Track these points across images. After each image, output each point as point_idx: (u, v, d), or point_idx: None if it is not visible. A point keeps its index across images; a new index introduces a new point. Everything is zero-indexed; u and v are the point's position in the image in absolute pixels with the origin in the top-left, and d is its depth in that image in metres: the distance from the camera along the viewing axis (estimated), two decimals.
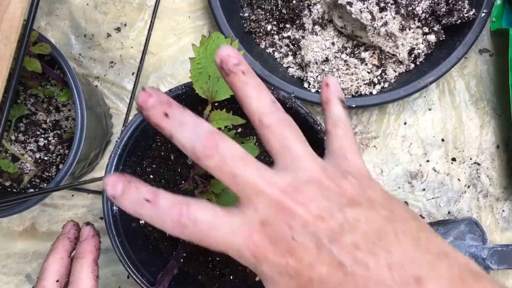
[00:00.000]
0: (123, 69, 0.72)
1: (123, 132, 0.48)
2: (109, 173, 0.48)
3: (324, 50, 0.65)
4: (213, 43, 0.40)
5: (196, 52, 0.40)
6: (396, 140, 0.71)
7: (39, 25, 0.72)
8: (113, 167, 0.48)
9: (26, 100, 0.66)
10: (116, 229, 0.48)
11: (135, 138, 0.50)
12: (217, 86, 0.40)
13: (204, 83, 0.40)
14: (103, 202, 0.48)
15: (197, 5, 0.73)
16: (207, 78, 0.39)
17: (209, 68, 0.39)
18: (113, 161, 0.48)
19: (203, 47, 0.40)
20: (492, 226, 0.70)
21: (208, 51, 0.40)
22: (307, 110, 0.49)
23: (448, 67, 0.63)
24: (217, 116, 0.39)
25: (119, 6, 0.73)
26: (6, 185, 0.65)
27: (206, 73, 0.39)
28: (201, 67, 0.39)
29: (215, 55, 0.29)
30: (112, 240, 0.47)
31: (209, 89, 0.39)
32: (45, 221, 0.71)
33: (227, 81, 0.30)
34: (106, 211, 0.47)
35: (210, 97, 0.40)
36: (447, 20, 0.64)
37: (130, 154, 0.51)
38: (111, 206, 0.48)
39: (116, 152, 0.48)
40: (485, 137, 0.71)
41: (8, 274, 0.70)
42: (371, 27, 0.62)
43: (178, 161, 0.54)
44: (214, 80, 0.40)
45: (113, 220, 0.48)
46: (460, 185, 0.70)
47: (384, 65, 0.66)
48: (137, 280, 0.47)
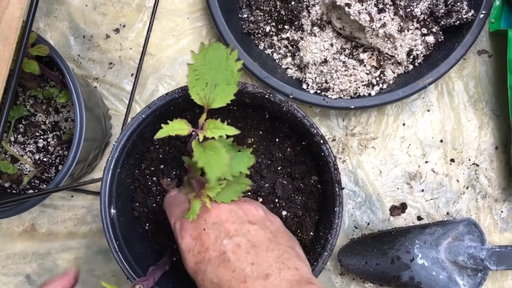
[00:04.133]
0: (122, 70, 0.72)
1: (120, 135, 0.48)
2: (106, 176, 0.48)
3: (323, 51, 0.65)
4: (213, 52, 0.40)
5: (195, 59, 0.40)
6: (395, 141, 0.71)
7: (38, 26, 0.72)
8: (111, 170, 0.48)
9: (25, 101, 0.67)
10: (114, 232, 0.48)
11: (133, 141, 0.50)
12: (214, 93, 0.40)
13: (200, 89, 0.40)
14: (101, 206, 0.48)
15: (196, 6, 0.73)
16: (204, 85, 0.40)
17: (207, 75, 0.40)
18: (111, 164, 0.48)
19: (201, 55, 0.40)
20: (491, 227, 0.70)
21: (207, 59, 0.40)
22: (304, 113, 0.49)
23: (447, 68, 0.63)
24: (212, 125, 0.40)
25: (118, 7, 0.73)
26: (6, 186, 0.65)
27: (203, 80, 0.40)
28: (199, 73, 0.40)
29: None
30: (109, 243, 0.47)
31: (206, 96, 0.40)
32: (44, 222, 0.71)
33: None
34: (103, 215, 0.48)
35: (206, 104, 0.40)
36: (445, 21, 0.64)
37: (128, 157, 0.51)
38: (108, 210, 0.48)
39: (113, 155, 0.48)
40: (483, 138, 0.71)
41: (7, 274, 0.71)
42: (369, 29, 0.62)
43: (175, 164, 0.54)
44: (211, 88, 0.40)
45: (111, 223, 0.48)
46: (459, 186, 0.71)
47: (383, 66, 0.66)
48: (130, 278, 0.47)
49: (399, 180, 0.71)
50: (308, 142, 0.53)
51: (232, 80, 0.40)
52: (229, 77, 0.40)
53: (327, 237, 0.48)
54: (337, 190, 0.48)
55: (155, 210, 0.53)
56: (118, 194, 0.50)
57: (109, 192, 0.48)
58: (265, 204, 0.52)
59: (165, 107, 0.48)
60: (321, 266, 0.47)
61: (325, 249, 0.48)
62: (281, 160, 0.54)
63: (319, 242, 0.50)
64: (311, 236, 0.52)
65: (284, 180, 0.53)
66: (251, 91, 0.47)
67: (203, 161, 0.37)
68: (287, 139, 0.54)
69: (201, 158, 0.37)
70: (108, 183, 0.48)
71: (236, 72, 0.40)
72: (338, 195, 0.48)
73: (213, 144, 0.38)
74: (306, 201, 0.53)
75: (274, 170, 0.54)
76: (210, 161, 0.37)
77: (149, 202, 0.53)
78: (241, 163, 0.43)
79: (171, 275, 0.50)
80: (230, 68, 0.40)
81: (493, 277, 0.69)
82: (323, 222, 0.52)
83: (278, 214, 0.52)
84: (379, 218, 0.70)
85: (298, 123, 0.49)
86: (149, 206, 0.53)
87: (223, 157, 0.37)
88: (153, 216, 0.53)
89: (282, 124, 0.54)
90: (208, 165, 0.37)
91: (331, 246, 0.48)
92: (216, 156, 0.37)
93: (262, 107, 0.52)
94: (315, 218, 0.53)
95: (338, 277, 0.70)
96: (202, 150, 0.38)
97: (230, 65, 0.40)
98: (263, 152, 0.54)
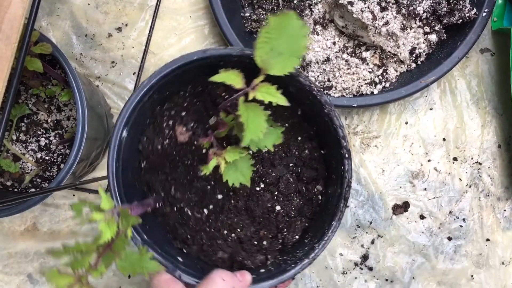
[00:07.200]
0: (124, 69, 0.72)
1: (160, 70, 0.47)
2: (135, 97, 0.47)
3: (325, 50, 0.65)
4: (287, 21, 0.39)
5: (271, 22, 0.39)
6: (398, 140, 0.71)
7: (40, 25, 0.72)
8: (141, 94, 0.46)
9: (27, 100, 0.67)
10: (117, 154, 0.46)
11: (169, 80, 0.48)
12: (276, 60, 0.39)
13: (265, 53, 0.39)
14: (117, 124, 0.46)
15: (198, 5, 0.73)
16: (269, 50, 0.39)
17: (275, 42, 0.39)
18: (144, 88, 0.46)
19: (277, 20, 0.39)
20: (494, 225, 0.70)
21: (281, 26, 0.39)
22: (341, 123, 0.48)
23: (449, 67, 0.63)
24: (265, 89, 0.39)
25: (120, 6, 0.73)
26: (8, 185, 0.65)
27: (270, 44, 0.39)
28: (268, 38, 0.39)
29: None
30: (110, 162, 0.46)
31: (268, 60, 0.39)
32: (46, 220, 0.71)
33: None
34: (116, 133, 0.46)
35: (264, 68, 0.39)
36: (448, 19, 0.64)
37: (158, 92, 0.49)
38: (122, 130, 0.46)
39: (151, 81, 0.47)
40: (486, 136, 0.71)
41: (9, 273, 0.71)
42: (372, 27, 0.61)
43: (196, 117, 0.53)
44: (275, 54, 0.39)
45: (119, 144, 0.46)
46: (462, 185, 0.70)
47: (385, 65, 0.66)
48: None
49: (402, 178, 0.71)
50: (328, 152, 0.52)
51: (296, 54, 0.40)
52: (295, 50, 0.40)
53: (314, 246, 0.48)
54: (342, 206, 0.47)
55: (157, 152, 0.52)
56: (134, 120, 0.48)
57: (129, 115, 0.47)
58: (264, 192, 0.52)
59: (215, 60, 0.47)
60: (298, 270, 0.47)
61: (308, 257, 0.47)
62: (296, 158, 0.54)
63: (302, 248, 0.49)
64: (295, 240, 0.52)
65: (291, 178, 0.53)
66: (302, 81, 0.47)
67: (245, 118, 0.37)
68: (308, 141, 0.54)
69: (244, 115, 0.38)
70: (133, 106, 0.47)
71: (303, 46, 0.40)
72: (341, 211, 0.47)
73: (256, 107, 0.39)
74: (302, 205, 0.53)
75: (285, 165, 0.53)
76: (249, 122, 0.38)
77: (156, 142, 0.52)
78: (269, 139, 0.43)
79: (149, 220, 0.50)
80: (298, 42, 0.40)
81: (496, 275, 0.69)
82: (311, 230, 0.52)
83: (272, 206, 0.52)
84: (381, 217, 0.70)
85: (330, 130, 0.48)
86: (154, 145, 0.52)
87: (262, 122, 0.38)
88: (152, 157, 0.52)
89: (310, 126, 0.54)
90: (247, 124, 0.37)
91: (315, 256, 0.47)
92: (256, 119, 0.38)
93: (300, 102, 0.51)
94: (304, 224, 0.53)
95: (340, 275, 0.70)
96: (245, 109, 0.38)
97: (299, 39, 0.40)
98: (282, 144, 0.53)
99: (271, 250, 0.51)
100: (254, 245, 0.51)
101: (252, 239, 0.52)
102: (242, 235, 0.51)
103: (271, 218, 0.52)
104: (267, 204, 0.52)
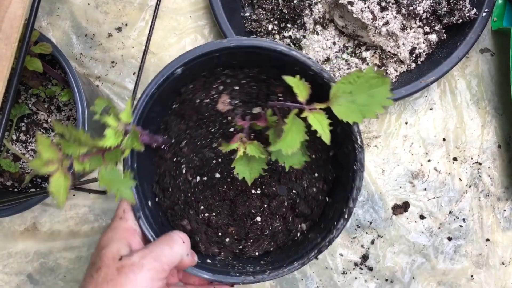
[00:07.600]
0: (124, 69, 0.72)
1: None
2: (176, 63, 0.46)
3: (325, 50, 0.65)
4: (373, 83, 0.40)
5: (358, 79, 0.40)
6: (397, 140, 0.71)
7: (40, 25, 0.72)
8: (184, 61, 0.46)
9: (27, 99, 0.67)
10: (144, 108, 0.46)
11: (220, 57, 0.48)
12: (354, 111, 0.39)
13: (345, 103, 0.40)
14: (153, 81, 0.46)
15: (198, 4, 0.73)
16: (350, 102, 0.40)
17: (358, 96, 0.40)
18: (187, 57, 0.46)
19: (364, 78, 0.40)
20: (494, 225, 0.70)
21: (367, 85, 0.40)
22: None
23: (449, 67, 0.63)
24: (319, 117, 0.39)
25: (120, 6, 0.73)
26: (8, 185, 0.65)
27: (353, 97, 0.40)
28: (350, 92, 0.40)
29: None
30: (148, 88, 0.46)
31: (346, 111, 0.39)
32: (46, 220, 0.71)
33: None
34: (149, 88, 0.46)
35: (340, 115, 0.39)
36: (448, 19, 0.64)
37: (199, 66, 0.49)
38: (152, 89, 0.46)
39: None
40: (486, 136, 0.71)
41: (9, 273, 0.71)
42: (372, 27, 0.61)
43: (243, 96, 0.53)
44: (355, 106, 0.40)
45: (149, 98, 0.46)
46: (462, 185, 0.70)
47: (385, 65, 0.66)
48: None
49: (402, 178, 0.71)
50: (332, 204, 0.52)
51: (375, 110, 0.40)
52: (375, 107, 0.40)
53: (263, 271, 0.47)
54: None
55: (193, 103, 0.51)
56: (194, 63, 0.47)
57: (199, 56, 0.46)
58: (256, 198, 0.52)
59: (290, 61, 0.47)
60: (235, 281, 0.47)
61: (247, 277, 0.47)
62: (301, 189, 0.52)
63: (253, 266, 0.49)
64: (253, 255, 0.52)
65: (286, 202, 0.52)
66: (353, 129, 0.46)
67: (287, 129, 0.38)
68: (322, 182, 0.52)
69: (288, 126, 0.38)
70: (209, 51, 0.46)
71: (384, 105, 0.40)
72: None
73: (301, 125, 0.39)
74: (279, 231, 0.52)
75: (289, 188, 0.52)
76: (288, 135, 0.38)
77: (198, 95, 0.51)
78: (292, 159, 0.44)
79: (147, 153, 0.49)
80: (381, 101, 0.40)
81: (496, 275, 0.69)
82: (271, 257, 0.51)
83: (254, 215, 0.52)
84: (381, 217, 0.70)
85: (347, 188, 0.47)
86: (195, 96, 0.51)
87: (298, 142, 0.39)
88: (186, 105, 0.51)
89: (332, 169, 0.52)
90: (286, 135, 0.38)
91: (255, 280, 0.47)
92: (295, 136, 0.39)
93: (339, 144, 0.50)
94: (269, 248, 0.52)
95: (340, 275, 0.70)
96: (292, 121, 0.39)
97: (382, 100, 0.40)
98: (297, 170, 0.52)
99: (227, 250, 0.51)
100: (217, 235, 0.51)
101: (219, 229, 0.52)
102: (213, 220, 0.51)
103: (247, 224, 0.52)
104: (252, 210, 0.52)
